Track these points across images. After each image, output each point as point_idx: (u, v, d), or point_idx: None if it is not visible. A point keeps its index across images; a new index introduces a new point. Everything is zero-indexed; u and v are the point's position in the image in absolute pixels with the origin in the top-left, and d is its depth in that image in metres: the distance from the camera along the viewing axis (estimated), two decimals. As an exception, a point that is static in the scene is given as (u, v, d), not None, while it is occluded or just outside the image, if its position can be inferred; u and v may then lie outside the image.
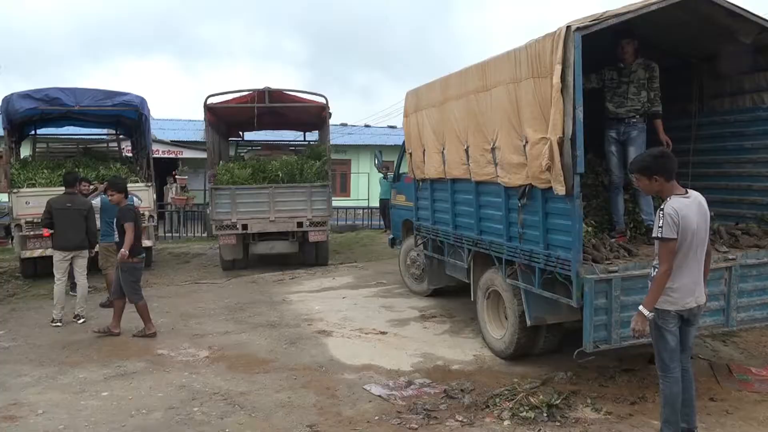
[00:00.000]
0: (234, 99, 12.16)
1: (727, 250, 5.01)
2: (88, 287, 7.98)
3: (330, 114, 12.11)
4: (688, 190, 3.86)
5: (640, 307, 3.80)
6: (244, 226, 10.95)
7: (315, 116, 13.05)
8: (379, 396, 5.04)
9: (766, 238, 5.27)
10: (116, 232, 7.00)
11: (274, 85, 12.09)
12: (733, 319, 4.91)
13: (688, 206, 3.74)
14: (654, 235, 3.77)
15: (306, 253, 11.77)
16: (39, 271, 10.69)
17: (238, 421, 4.60)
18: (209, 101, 11.49)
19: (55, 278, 7.63)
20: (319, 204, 11.22)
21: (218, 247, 11.94)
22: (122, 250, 6.82)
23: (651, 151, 4.06)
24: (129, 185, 11.09)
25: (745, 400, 4.79)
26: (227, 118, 13.34)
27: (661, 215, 3.70)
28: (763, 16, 4.96)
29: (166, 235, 16.95)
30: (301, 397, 5.06)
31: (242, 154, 14.63)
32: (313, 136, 15.32)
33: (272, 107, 12.22)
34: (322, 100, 12.04)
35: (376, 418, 4.62)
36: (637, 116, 5.64)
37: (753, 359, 5.78)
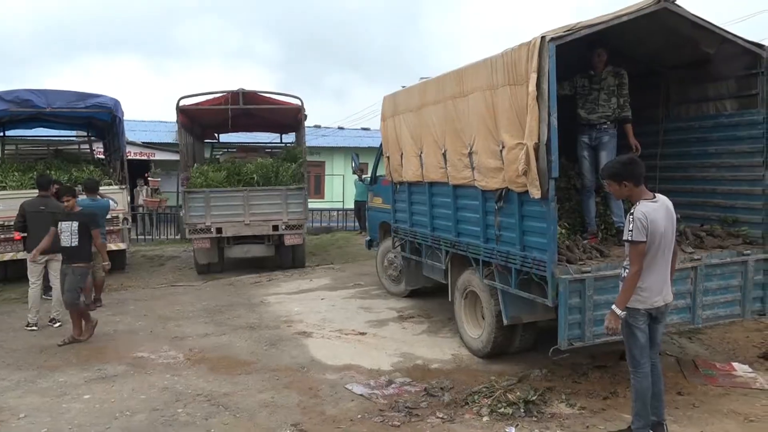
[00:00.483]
0: (207, 101, 12.00)
1: (692, 250, 5.25)
2: None
3: (305, 116, 12.00)
4: (656, 194, 4.06)
5: (613, 306, 3.99)
6: (219, 230, 10.81)
7: (290, 118, 12.96)
8: (361, 395, 5.15)
9: (730, 239, 5.52)
10: (77, 237, 6.83)
11: (248, 86, 12.06)
12: (698, 316, 5.14)
13: (656, 210, 3.94)
14: (624, 238, 3.97)
15: (282, 257, 11.73)
16: (9, 275, 10.52)
17: (222, 422, 4.66)
18: (182, 103, 11.34)
19: (30, 282, 7.55)
20: (295, 207, 11.10)
21: (193, 251, 11.78)
22: (106, 264, 7.15)
23: (620, 158, 4.26)
24: (102, 188, 11.10)
25: (710, 394, 5.03)
26: (201, 120, 13.22)
27: (630, 219, 3.90)
28: (725, 28, 5.23)
29: (139, 237, 16.78)
30: (284, 397, 5.14)
31: (217, 157, 14.53)
32: (290, 138, 15.28)
33: (246, 109, 12.13)
34: (297, 101, 11.89)
35: (359, 416, 4.73)
36: (608, 122, 5.86)
37: (717, 355, 6.05)
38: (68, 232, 6.84)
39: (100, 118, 12.27)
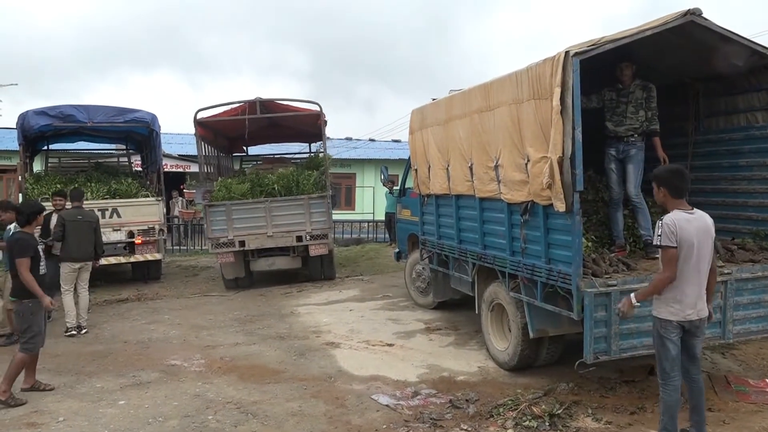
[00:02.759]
0: (225, 112, 11.74)
1: (722, 264, 5.17)
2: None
3: (325, 122, 11.60)
4: (695, 209, 4.08)
5: (632, 295, 4.06)
6: (242, 243, 10.54)
7: (310, 125, 12.58)
8: (387, 406, 5.21)
9: (761, 252, 5.43)
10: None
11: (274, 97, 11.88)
12: (729, 331, 5.07)
13: (688, 221, 3.96)
14: (654, 243, 4.04)
15: (311, 269, 11.53)
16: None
17: (251, 429, 4.78)
18: (199, 115, 11.17)
19: (63, 290, 7.88)
20: (318, 216, 10.78)
21: (219, 266, 11.41)
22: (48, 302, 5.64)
23: (671, 165, 4.35)
24: (139, 199, 11.47)
25: (741, 411, 4.94)
26: (224, 132, 13.09)
27: (659, 225, 3.97)
28: (755, 41, 5.18)
29: (174, 248, 17.20)
30: (311, 406, 5.24)
31: (245, 169, 14.54)
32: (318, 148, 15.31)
33: (264, 118, 11.86)
34: (315, 107, 11.57)
35: (384, 426, 4.79)
36: (636, 135, 5.84)
37: (751, 371, 5.92)
38: (43, 259, 5.81)
39: (138, 132, 12.69)
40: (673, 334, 4.01)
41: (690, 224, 3.95)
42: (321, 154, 12.54)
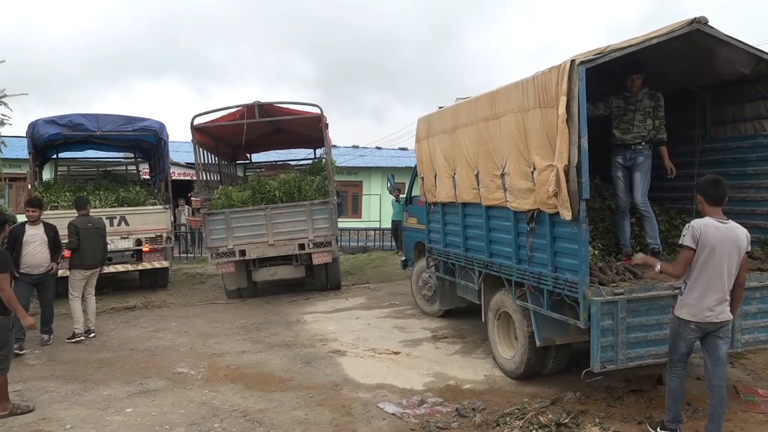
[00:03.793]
0: (224, 116, 11.18)
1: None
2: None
3: (326, 125, 11.09)
4: (730, 220, 4.26)
5: (659, 265, 4.40)
6: (242, 252, 10.13)
7: (311, 128, 11.89)
8: (393, 414, 5.20)
9: (770, 261, 5.40)
10: None
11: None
12: (737, 340, 5.03)
13: (716, 228, 4.16)
14: (680, 241, 4.26)
15: (316, 278, 11.21)
16: (59, 291, 10.91)
17: (257, 437, 4.78)
18: (197, 121, 10.71)
19: (72, 296, 7.97)
20: (321, 223, 10.31)
21: (221, 276, 10.99)
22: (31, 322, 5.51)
23: (710, 176, 4.47)
24: (146, 207, 11.51)
25: (750, 421, 4.90)
26: (223, 139, 12.74)
27: (687, 226, 4.23)
28: (761, 48, 5.18)
29: (181, 255, 17.26)
30: (317, 414, 5.23)
31: (248, 176, 14.34)
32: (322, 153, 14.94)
33: (265, 123, 11.55)
34: (316, 110, 10.96)
35: (390, 435, 4.78)
36: (643, 143, 5.83)
37: (760, 381, 5.87)
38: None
39: (147, 141, 12.77)
40: (689, 335, 4.27)
41: (718, 232, 4.15)
42: (324, 160, 12.09)
